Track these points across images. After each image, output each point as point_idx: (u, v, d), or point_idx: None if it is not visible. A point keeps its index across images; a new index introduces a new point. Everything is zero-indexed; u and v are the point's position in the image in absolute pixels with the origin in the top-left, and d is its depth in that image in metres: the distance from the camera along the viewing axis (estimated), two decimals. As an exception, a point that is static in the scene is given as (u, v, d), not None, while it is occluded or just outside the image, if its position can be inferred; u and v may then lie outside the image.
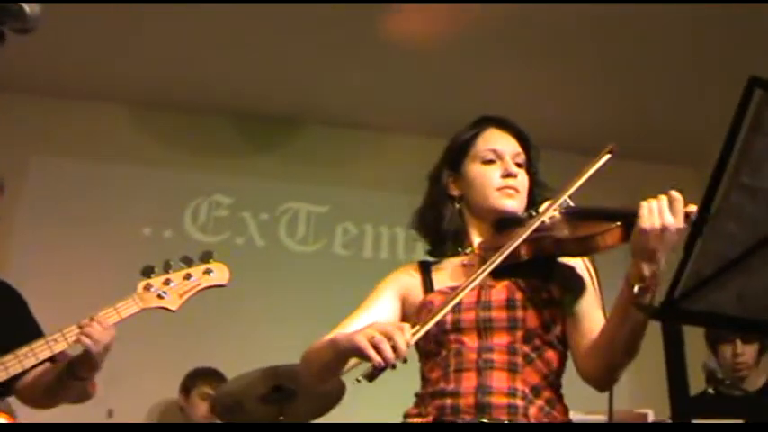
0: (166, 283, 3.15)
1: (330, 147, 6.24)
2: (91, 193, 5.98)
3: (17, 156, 5.75)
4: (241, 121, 6.29)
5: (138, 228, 6.06)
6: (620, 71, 5.48)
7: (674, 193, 2.12)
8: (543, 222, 2.37)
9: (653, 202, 2.12)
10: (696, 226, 1.26)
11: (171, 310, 3.14)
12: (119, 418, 5.15)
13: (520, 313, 2.36)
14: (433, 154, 2.70)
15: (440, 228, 2.60)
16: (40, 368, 3.15)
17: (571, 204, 2.41)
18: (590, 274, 2.46)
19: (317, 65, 5.62)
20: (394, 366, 2.12)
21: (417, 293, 2.54)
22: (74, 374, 3.10)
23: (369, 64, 5.55)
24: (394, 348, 2.12)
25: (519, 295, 2.38)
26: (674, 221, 2.09)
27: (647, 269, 2.11)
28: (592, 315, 2.40)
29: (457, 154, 2.63)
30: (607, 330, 2.29)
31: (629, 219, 2.16)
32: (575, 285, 2.44)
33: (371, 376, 2.15)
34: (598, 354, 2.32)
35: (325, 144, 6.24)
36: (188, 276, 3.19)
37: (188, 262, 3.23)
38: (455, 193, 2.61)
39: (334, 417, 4.50)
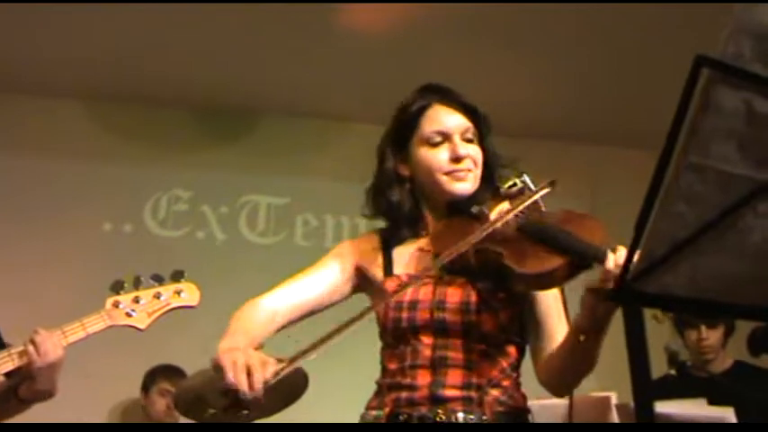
0: (136, 300, 3.12)
1: (288, 138, 6.21)
2: (48, 190, 5.93)
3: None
4: (198, 113, 6.25)
5: (97, 224, 6.02)
6: (574, 55, 5.47)
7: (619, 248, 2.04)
8: (494, 230, 2.28)
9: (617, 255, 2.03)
10: (646, 206, 1.25)
11: (139, 329, 3.11)
12: (82, 420, 5.09)
13: (474, 317, 2.33)
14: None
15: (393, 212, 2.50)
16: None
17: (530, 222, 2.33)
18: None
19: (273, 55, 5.59)
20: (252, 400, 2.13)
21: (377, 270, 2.50)
22: (16, 395, 3.05)
23: (325, 53, 5.52)
24: (250, 384, 2.13)
25: (474, 298, 2.34)
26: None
27: (601, 321, 2.11)
28: (551, 322, 2.38)
29: (401, 134, 2.51)
30: (559, 355, 2.30)
31: (584, 261, 2.11)
32: (538, 299, 2.41)
33: (227, 407, 2.22)
34: (553, 373, 2.34)
35: (284, 135, 6.21)
36: (158, 295, 3.17)
37: (159, 280, 3.19)
38: (405, 173, 2.51)
39: (297, 409, 4.48)
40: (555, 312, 2.38)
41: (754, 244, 1.32)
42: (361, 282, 2.56)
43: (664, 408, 3.42)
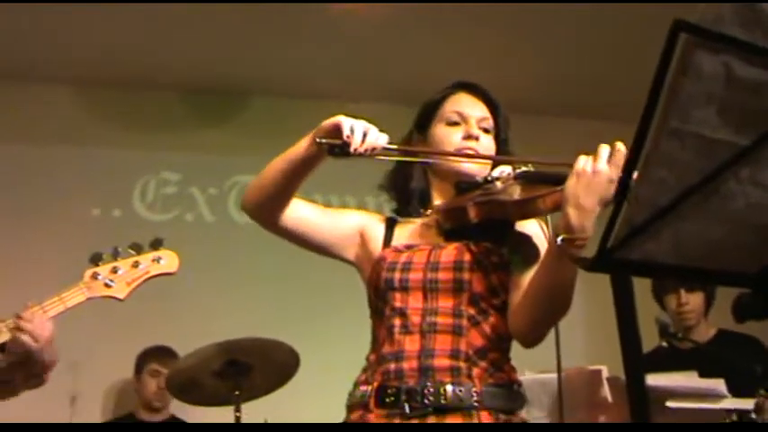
0: (114, 271, 3.09)
1: (276, 118, 6.17)
2: (35, 177, 5.90)
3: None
4: (185, 95, 6.23)
5: (86, 209, 6.00)
6: (552, 28, 5.47)
7: (618, 145, 2.08)
8: (495, 186, 2.35)
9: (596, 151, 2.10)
10: (625, 172, 1.24)
11: (118, 299, 3.09)
12: (77, 403, 5.10)
13: (466, 275, 2.35)
14: (380, 121, 2.68)
15: (406, 187, 2.59)
16: None
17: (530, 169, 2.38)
18: (547, 241, 2.41)
19: (261, 36, 5.57)
20: (353, 154, 2.25)
21: (377, 243, 2.54)
22: (30, 374, 3.04)
23: (313, 33, 5.51)
24: (364, 136, 2.26)
25: (468, 257, 2.37)
26: (608, 170, 2.05)
27: (573, 217, 2.06)
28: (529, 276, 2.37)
29: (425, 116, 2.63)
30: (532, 284, 2.27)
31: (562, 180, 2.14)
32: (525, 249, 2.40)
33: (331, 148, 2.30)
34: (523, 309, 2.30)
35: (271, 115, 6.19)
36: (136, 264, 3.14)
37: (137, 249, 3.17)
38: None
39: (289, 389, 4.50)
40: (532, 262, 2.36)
41: (736, 210, 1.31)
42: (361, 250, 2.58)
43: (655, 381, 3.43)
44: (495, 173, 2.40)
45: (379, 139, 2.28)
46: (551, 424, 2.30)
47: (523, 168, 2.36)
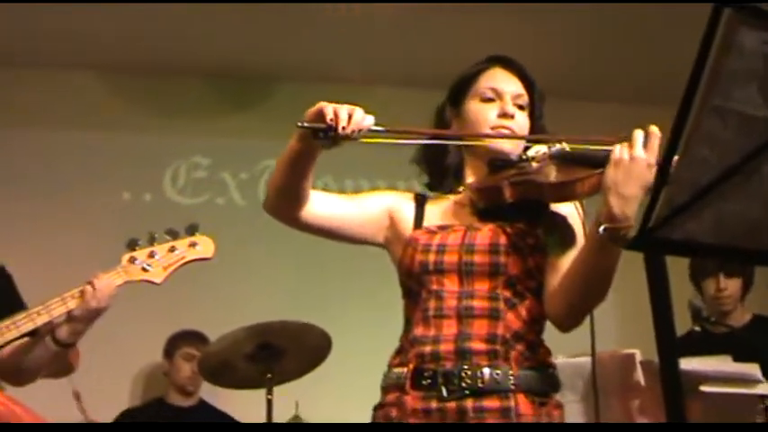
0: (151, 255, 3.12)
1: (306, 102, 6.07)
2: (66, 162, 5.92)
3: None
4: (215, 81, 6.22)
5: (117, 193, 6.02)
6: (585, 11, 5.42)
7: (652, 129, 2.06)
8: (531, 165, 2.33)
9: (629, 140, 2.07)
10: (667, 151, 1.23)
11: (155, 283, 3.12)
12: (105, 388, 5.12)
13: (503, 258, 2.33)
14: (407, 104, 2.68)
15: (441, 162, 2.54)
16: (18, 343, 3.11)
17: (566, 148, 2.35)
18: (582, 222, 2.38)
19: (287, 21, 5.55)
20: (339, 136, 2.20)
21: (407, 224, 2.51)
22: (55, 339, 3.07)
23: (339, 17, 5.48)
24: (349, 118, 2.19)
25: (503, 240, 2.35)
26: (646, 156, 2.03)
27: (616, 206, 2.04)
28: (567, 260, 2.33)
29: (459, 90, 2.58)
30: (571, 269, 2.26)
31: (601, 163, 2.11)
32: (561, 231, 2.39)
33: (315, 132, 2.24)
34: (561, 294, 2.29)
35: (301, 100, 6.06)
36: (173, 249, 3.16)
37: (173, 234, 3.19)
38: (454, 127, 2.56)
39: (321, 372, 4.50)
40: (570, 244, 2.35)
41: (778, 189, 1.29)
42: (391, 232, 2.55)
43: (689, 365, 3.40)
44: (531, 152, 2.38)
45: (365, 119, 2.23)
46: (552, 424, 2.27)
47: (558, 146, 2.33)
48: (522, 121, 2.51)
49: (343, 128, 2.18)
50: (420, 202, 2.57)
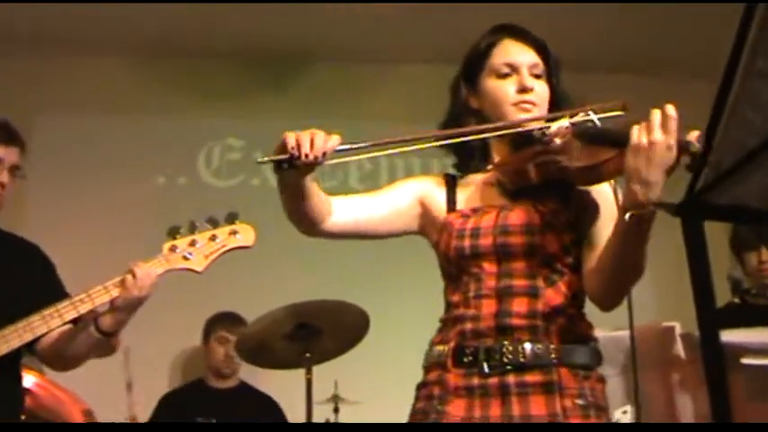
0: (192, 244, 3.13)
1: (338, 82, 6.18)
2: (102, 147, 5.98)
3: (21, 116, 5.71)
4: (247, 62, 6.24)
5: (152, 177, 6.07)
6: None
7: (668, 109, 2.00)
8: (554, 144, 2.30)
9: (646, 121, 2.01)
10: (714, 115, 1.21)
11: (196, 272, 3.13)
12: (145, 370, 5.16)
13: (538, 239, 2.31)
14: (442, 81, 2.64)
15: (466, 143, 2.49)
16: (62, 330, 3.13)
17: (590, 118, 2.32)
18: (615, 198, 2.34)
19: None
20: (303, 164, 2.15)
21: (440, 208, 2.49)
22: (99, 329, 3.09)
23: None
24: (311, 143, 2.14)
25: (537, 219, 2.33)
26: (664, 138, 1.97)
27: (640, 193, 2.01)
28: (603, 234, 2.29)
29: (473, 67, 2.53)
30: (604, 252, 2.24)
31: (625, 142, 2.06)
32: (594, 209, 2.37)
33: (278, 165, 2.21)
34: (596, 275, 2.27)
35: (333, 79, 6.19)
36: (214, 238, 3.17)
37: (214, 223, 3.20)
38: (475, 105, 2.52)
39: (359, 351, 4.51)
40: (604, 220, 2.32)
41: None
42: (424, 219, 2.54)
43: (730, 337, 3.37)
44: (554, 127, 2.35)
45: (328, 142, 2.17)
46: (559, 424, 2.24)
47: (580, 117, 2.30)
48: (541, 91, 2.47)
49: (306, 155, 2.14)
50: (451, 184, 2.55)
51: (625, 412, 3.46)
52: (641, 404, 3.32)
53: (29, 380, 3.70)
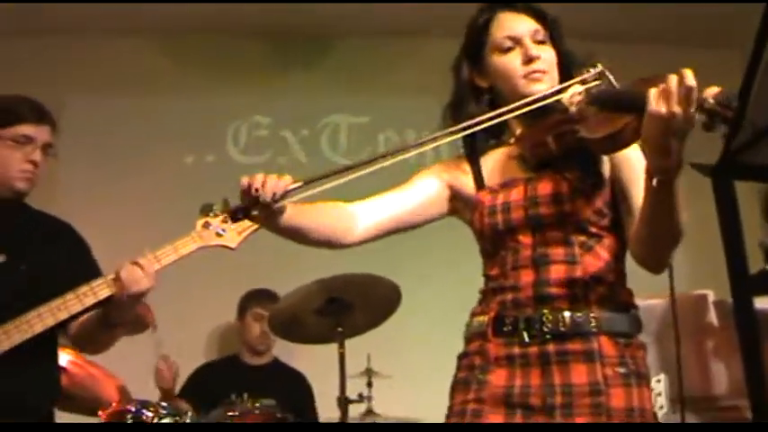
0: (225, 221, 3.13)
1: (365, 56, 6.16)
2: (129, 127, 6.00)
3: (51, 97, 5.73)
4: (272, 39, 6.23)
5: (180, 156, 6.09)
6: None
7: (687, 78, 1.93)
8: (571, 112, 2.27)
9: (662, 86, 1.95)
10: (749, 73, 1.19)
11: (230, 248, 3.13)
12: (179, 347, 5.19)
13: (568, 207, 2.30)
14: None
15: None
16: (85, 317, 3.15)
17: (608, 77, 2.27)
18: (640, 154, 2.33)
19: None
20: (257, 207, 2.19)
21: (469, 186, 2.48)
22: (107, 320, 3.11)
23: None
24: (263, 186, 2.16)
25: (565, 187, 2.31)
26: (683, 109, 1.91)
27: (660, 160, 1.98)
28: (636, 193, 2.26)
29: (474, 46, 2.49)
30: (639, 219, 2.20)
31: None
32: (621, 168, 2.35)
33: (233, 214, 2.25)
34: (637, 239, 2.24)
35: (360, 54, 6.17)
36: None
37: None
38: (483, 84, 2.48)
39: (391, 324, 4.51)
40: (640, 183, 2.21)
41: None
42: (455, 202, 2.53)
43: (763, 304, 3.35)
44: (567, 95, 2.32)
45: (279, 183, 2.19)
46: (567, 424, 2.22)
47: (594, 81, 2.28)
48: (547, 57, 2.42)
49: (259, 199, 2.18)
50: (473, 160, 2.52)
51: (659, 381, 3.45)
52: (675, 372, 3.31)
53: (64, 358, 3.71)
